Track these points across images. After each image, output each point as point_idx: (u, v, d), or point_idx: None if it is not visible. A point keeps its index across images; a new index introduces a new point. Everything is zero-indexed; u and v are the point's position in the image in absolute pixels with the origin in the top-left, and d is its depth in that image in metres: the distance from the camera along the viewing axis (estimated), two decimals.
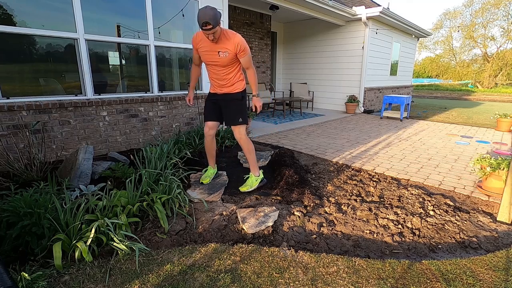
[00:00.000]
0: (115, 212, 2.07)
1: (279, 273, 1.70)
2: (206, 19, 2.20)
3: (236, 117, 2.75)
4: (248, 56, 2.57)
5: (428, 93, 19.67)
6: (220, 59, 2.51)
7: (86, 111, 3.58)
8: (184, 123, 4.67)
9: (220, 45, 2.46)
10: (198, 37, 2.54)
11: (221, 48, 2.47)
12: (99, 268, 1.70)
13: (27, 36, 3.15)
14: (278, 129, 6.04)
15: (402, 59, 10.70)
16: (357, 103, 8.59)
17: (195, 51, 2.64)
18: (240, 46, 2.46)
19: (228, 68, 2.60)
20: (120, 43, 3.95)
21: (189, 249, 1.91)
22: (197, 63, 2.78)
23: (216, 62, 2.55)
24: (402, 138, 5.41)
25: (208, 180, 2.99)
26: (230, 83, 2.68)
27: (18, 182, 2.66)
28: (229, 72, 2.62)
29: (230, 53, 2.48)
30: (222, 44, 2.45)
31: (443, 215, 2.43)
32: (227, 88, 2.70)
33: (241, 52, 2.50)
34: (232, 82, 2.68)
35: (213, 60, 2.54)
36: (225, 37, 2.45)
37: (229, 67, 2.59)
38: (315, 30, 9.20)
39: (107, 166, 3.12)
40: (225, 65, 2.56)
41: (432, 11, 77.47)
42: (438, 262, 1.81)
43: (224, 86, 2.68)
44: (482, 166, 2.90)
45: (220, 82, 2.67)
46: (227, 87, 2.69)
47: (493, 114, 6.97)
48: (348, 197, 2.76)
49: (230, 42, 2.45)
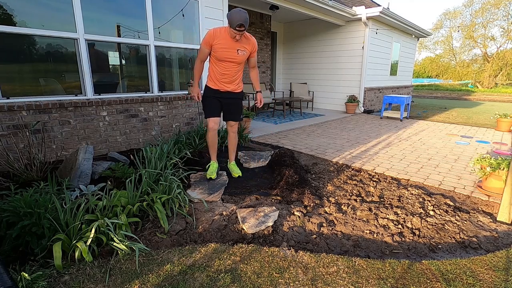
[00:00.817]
0: (115, 212, 2.07)
1: (279, 273, 1.70)
2: (242, 21, 2.46)
3: (239, 114, 3.11)
4: (256, 56, 2.97)
5: (428, 93, 19.66)
6: (238, 56, 2.76)
7: (86, 111, 3.57)
8: (184, 123, 4.67)
9: (241, 44, 2.74)
10: (216, 34, 2.67)
11: (241, 47, 2.74)
12: (99, 268, 1.70)
13: (27, 36, 3.15)
14: (278, 129, 6.04)
15: (402, 59, 10.69)
16: (357, 103, 8.59)
17: (207, 46, 2.72)
18: (256, 47, 2.87)
19: (241, 66, 2.89)
20: (120, 43, 3.95)
21: (189, 249, 1.91)
22: (204, 59, 2.84)
23: (233, 59, 2.76)
24: (402, 138, 5.41)
25: (215, 175, 3.09)
26: (238, 80, 2.94)
27: (18, 182, 2.65)
28: (240, 69, 2.91)
29: (247, 52, 2.80)
30: (242, 43, 2.74)
31: (443, 215, 2.43)
32: (234, 86, 2.93)
33: (255, 52, 2.89)
34: (239, 80, 2.97)
35: (231, 57, 2.74)
36: (245, 37, 2.77)
37: (241, 65, 2.89)
38: (315, 30, 9.20)
39: (107, 166, 3.12)
40: (240, 63, 2.84)
41: (432, 11, 77.46)
42: (438, 262, 1.81)
43: (232, 83, 2.90)
44: (482, 166, 2.90)
45: (230, 78, 2.86)
46: (234, 84, 2.93)
47: (493, 114, 6.97)
48: (348, 197, 2.76)
49: (250, 43, 2.80)
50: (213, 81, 2.89)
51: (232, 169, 3.30)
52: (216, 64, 2.80)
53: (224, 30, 2.68)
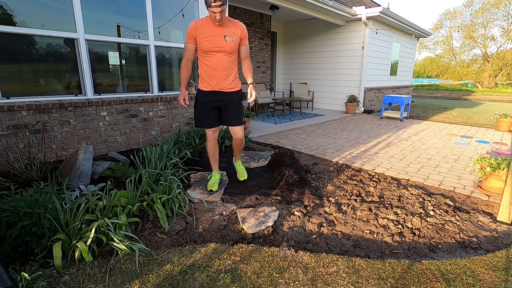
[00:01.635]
0: (115, 212, 2.08)
1: (279, 273, 1.70)
2: None
3: (240, 117, 2.73)
4: (248, 45, 2.60)
5: (428, 93, 19.67)
6: (226, 44, 2.42)
7: (86, 111, 3.57)
8: (184, 123, 4.67)
9: (227, 29, 2.41)
10: (198, 24, 2.41)
11: (228, 32, 2.41)
12: (99, 268, 1.70)
13: (27, 36, 3.15)
14: (278, 129, 6.04)
15: (402, 59, 10.69)
16: (357, 103, 8.59)
17: (191, 41, 2.44)
18: (245, 32, 2.49)
19: (233, 57, 2.52)
20: (120, 43, 3.95)
21: (189, 249, 1.91)
22: (190, 57, 2.54)
23: (221, 47, 2.42)
24: (402, 138, 5.41)
25: (217, 186, 2.83)
26: (233, 76, 2.57)
27: (18, 182, 2.65)
28: (233, 62, 2.54)
29: (236, 38, 2.45)
30: (228, 28, 2.42)
31: (443, 215, 2.43)
32: (229, 83, 2.56)
33: (245, 38, 2.52)
34: (235, 76, 2.59)
35: (218, 45, 2.41)
36: (230, 21, 2.45)
37: (233, 55, 2.52)
38: (315, 30, 9.20)
39: (107, 166, 3.12)
40: (231, 52, 2.47)
41: (432, 11, 77.48)
42: (438, 262, 1.81)
43: (227, 79, 2.54)
44: (482, 166, 2.90)
45: (223, 73, 2.50)
46: (230, 81, 2.56)
47: (493, 114, 6.97)
48: (348, 197, 2.76)
49: (236, 27, 2.45)
50: (205, 81, 2.55)
51: (238, 169, 3.12)
52: (205, 59, 2.48)
53: (206, 19, 2.42)
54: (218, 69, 2.48)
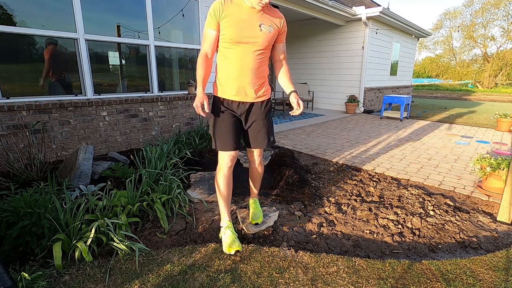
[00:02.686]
0: (115, 212, 2.07)
1: (279, 273, 1.70)
2: None
3: (269, 136, 1.98)
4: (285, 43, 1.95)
5: (428, 93, 19.66)
6: (261, 34, 1.73)
7: (86, 111, 3.57)
8: (184, 123, 4.67)
9: (265, 16, 1.75)
10: (226, 3, 1.70)
11: (265, 20, 1.74)
12: (99, 268, 1.70)
13: (27, 36, 3.15)
14: (278, 129, 6.04)
15: (402, 59, 10.70)
16: (357, 103, 8.59)
17: (213, 26, 1.72)
18: (285, 25, 1.86)
19: (265, 53, 1.82)
20: (120, 43, 3.95)
21: (189, 249, 1.91)
22: (210, 50, 1.78)
23: (254, 39, 1.72)
24: (402, 138, 5.41)
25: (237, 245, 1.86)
26: (262, 80, 1.87)
27: (18, 182, 2.65)
28: (265, 60, 1.85)
29: (274, 30, 1.79)
30: (266, 15, 1.76)
31: (443, 215, 2.43)
32: (259, 88, 1.86)
33: (284, 33, 1.88)
34: (264, 81, 1.89)
35: (251, 35, 1.71)
36: (270, 8, 1.81)
37: (266, 53, 1.83)
38: (315, 30, 9.20)
39: (107, 166, 3.12)
40: (264, 48, 1.78)
41: (432, 11, 77.49)
42: (438, 262, 1.81)
43: (257, 83, 1.83)
44: (482, 166, 2.90)
45: (253, 74, 1.79)
46: (259, 85, 1.85)
47: (493, 114, 6.97)
48: (348, 197, 2.76)
49: (276, 16, 1.82)
50: (225, 85, 1.83)
51: (252, 209, 2.26)
52: (230, 53, 1.76)
53: None
54: (246, 68, 1.78)
